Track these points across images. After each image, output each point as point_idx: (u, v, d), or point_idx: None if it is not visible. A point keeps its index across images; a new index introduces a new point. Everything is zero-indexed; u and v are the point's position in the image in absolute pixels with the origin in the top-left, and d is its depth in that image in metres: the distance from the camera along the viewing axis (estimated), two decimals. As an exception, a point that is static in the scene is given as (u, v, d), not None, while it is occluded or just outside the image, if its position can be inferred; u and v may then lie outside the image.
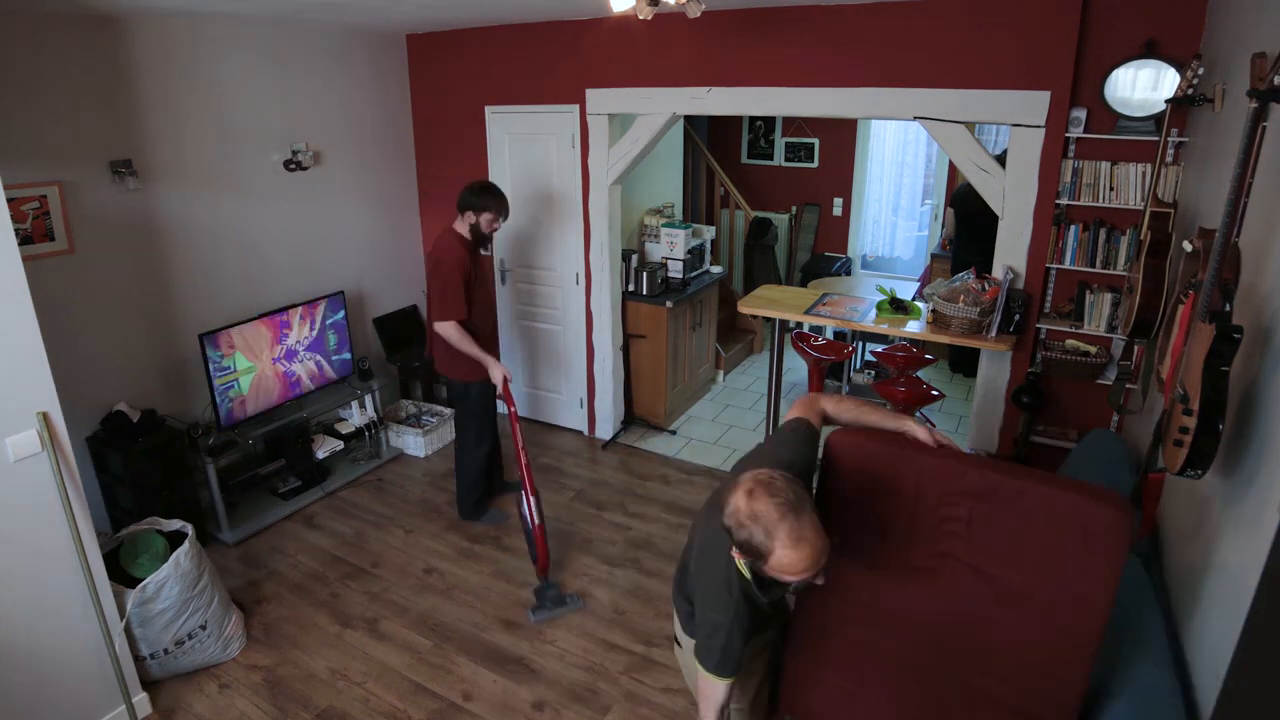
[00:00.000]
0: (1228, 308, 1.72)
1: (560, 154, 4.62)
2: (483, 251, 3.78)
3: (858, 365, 5.64)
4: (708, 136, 7.03)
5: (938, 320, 3.66)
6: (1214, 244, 1.72)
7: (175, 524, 3.09)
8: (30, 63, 3.20)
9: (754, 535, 1.54)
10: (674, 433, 5.09)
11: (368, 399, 4.65)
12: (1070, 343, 3.51)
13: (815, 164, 6.91)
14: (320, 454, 4.43)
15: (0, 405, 2.31)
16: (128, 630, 2.75)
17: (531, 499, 3.35)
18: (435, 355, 3.81)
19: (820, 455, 1.97)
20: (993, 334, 3.52)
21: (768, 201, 7.09)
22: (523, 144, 4.75)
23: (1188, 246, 2.05)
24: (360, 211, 4.87)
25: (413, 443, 4.78)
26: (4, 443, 2.32)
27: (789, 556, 1.53)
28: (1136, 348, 3.06)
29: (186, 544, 2.92)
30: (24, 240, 3.20)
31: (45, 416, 2.40)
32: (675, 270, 5.06)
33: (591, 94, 4.35)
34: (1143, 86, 3.15)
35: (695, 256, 5.22)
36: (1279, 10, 2.04)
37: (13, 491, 2.37)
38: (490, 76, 4.69)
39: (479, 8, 3.81)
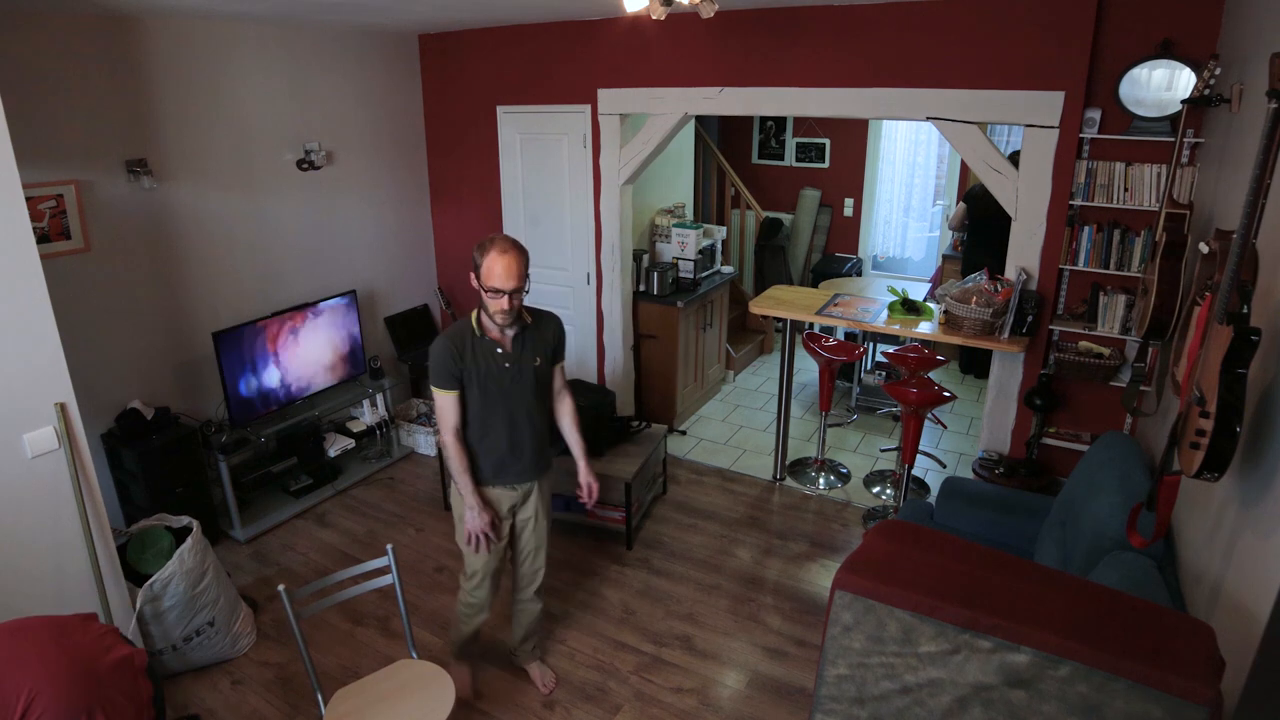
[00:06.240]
0: (1245, 310, 1.71)
1: (572, 154, 4.62)
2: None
3: (869, 366, 5.62)
4: (718, 136, 7.02)
5: (950, 321, 3.65)
6: (1232, 245, 1.71)
7: (184, 520, 3.12)
8: (47, 63, 3.23)
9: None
10: (684, 433, 5.09)
11: (379, 398, 4.67)
12: (1083, 344, 3.49)
13: (826, 164, 6.90)
14: (332, 452, 4.45)
15: (19, 401, 2.34)
16: (142, 626, 2.78)
17: None
18: None
19: None
20: (1005, 335, 3.50)
21: (778, 202, 7.09)
22: (534, 144, 4.76)
23: (1204, 248, 2.04)
24: (372, 211, 4.90)
25: (424, 441, 4.79)
26: (22, 439, 2.35)
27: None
28: (1151, 350, 3.04)
29: (190, 540, 2.93)
30: (41, 238, 3.23)
31: (62, 408, 2.43)
32: (686, 270, 5.06)
33: (603, 94, 4.36)
34: (1158, 87, 3.13)
35: (706, 257, 5.22)
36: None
37: (31, 487, 2.39)
38: (502, 76, 4.70)
39: (491, 8, 3.82)
